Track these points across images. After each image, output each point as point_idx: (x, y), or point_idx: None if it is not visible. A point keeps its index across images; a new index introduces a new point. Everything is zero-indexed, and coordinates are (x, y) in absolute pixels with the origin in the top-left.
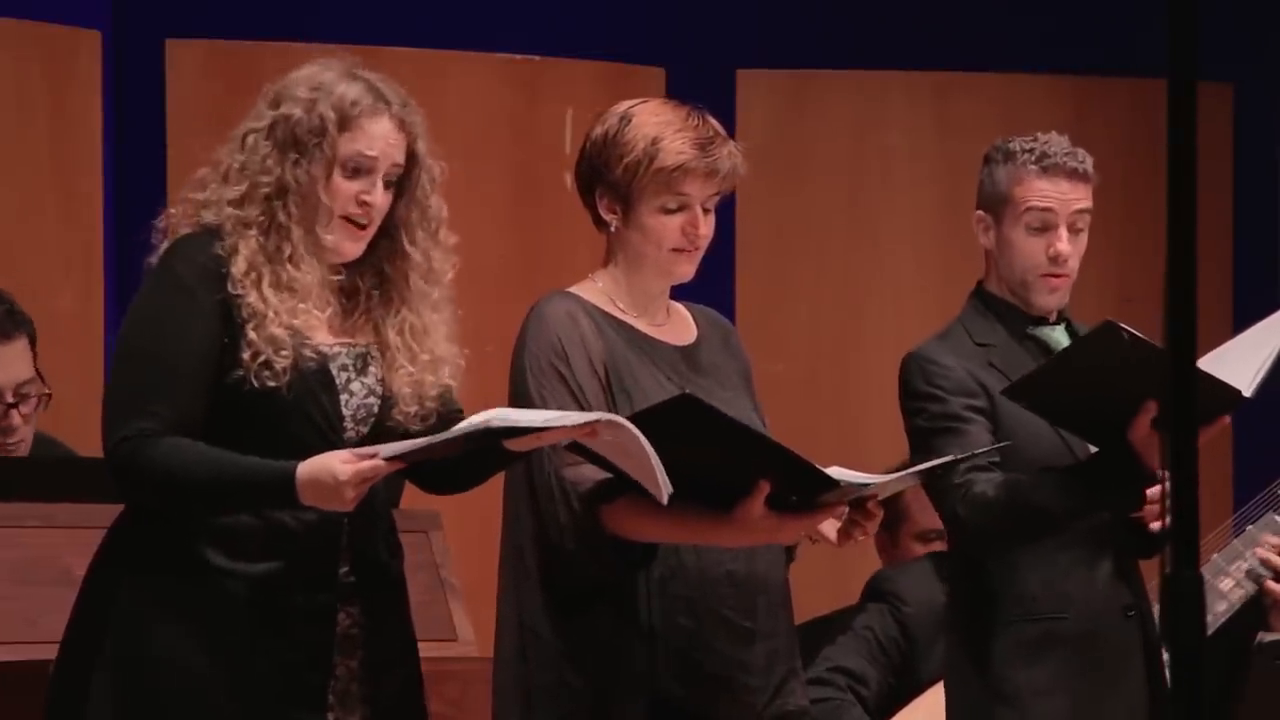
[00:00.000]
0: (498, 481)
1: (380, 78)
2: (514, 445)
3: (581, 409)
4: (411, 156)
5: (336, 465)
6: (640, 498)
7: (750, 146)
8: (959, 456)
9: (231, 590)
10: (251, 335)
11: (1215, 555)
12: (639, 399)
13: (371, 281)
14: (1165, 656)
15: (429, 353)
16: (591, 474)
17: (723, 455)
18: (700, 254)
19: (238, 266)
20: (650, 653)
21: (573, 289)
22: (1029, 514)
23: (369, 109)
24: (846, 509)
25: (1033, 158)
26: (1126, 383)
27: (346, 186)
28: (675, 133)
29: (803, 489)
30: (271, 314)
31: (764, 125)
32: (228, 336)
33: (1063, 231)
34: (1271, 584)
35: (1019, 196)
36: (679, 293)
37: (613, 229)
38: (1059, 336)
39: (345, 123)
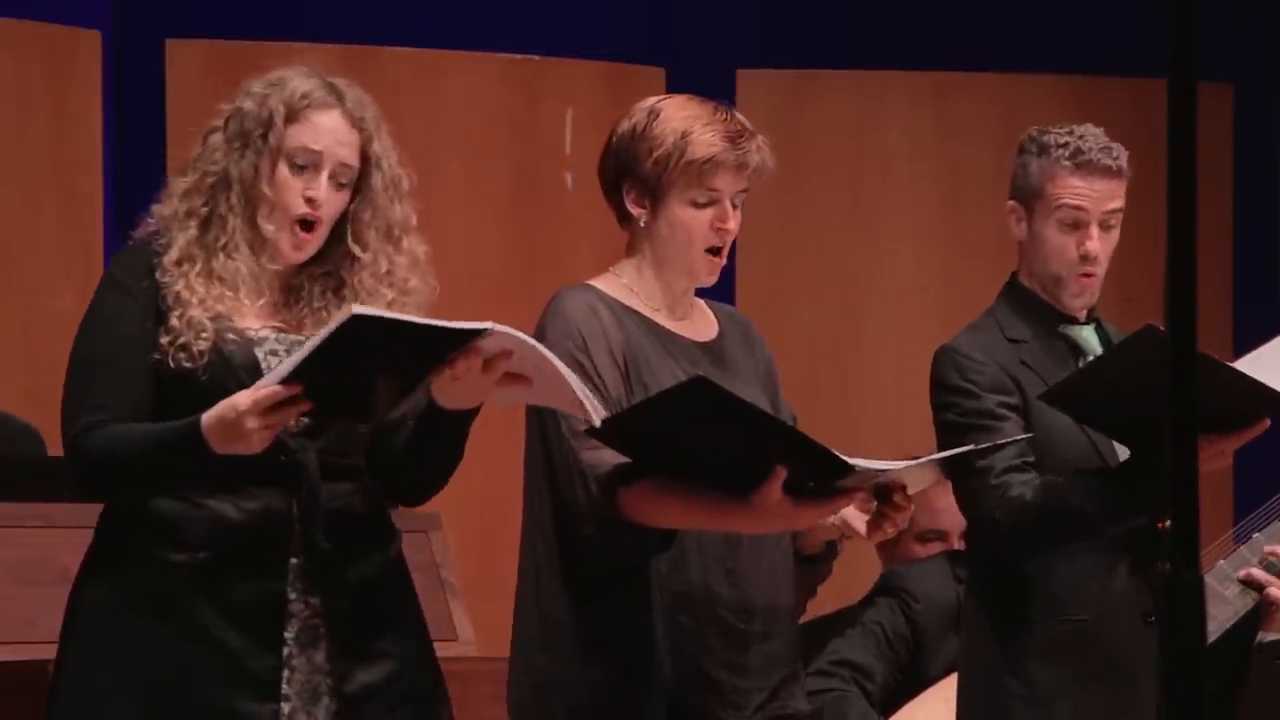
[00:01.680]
0: (497, 481)
1: (347, 83)
2: (439, 390)
3: (603, 399)
4: (366, 159)
5: (237, 398)
6: (659, 482)
7: None
8: (979, 446)
9: (175, 581)
10: (173, 321)
11: (1221, 562)
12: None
13: (323, 282)
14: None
15: None
16: (610, 458)
17: (738, 440)
18: (724, 260)
19: (170, 256)
20: (658, 647)
21: (592, 281)
22: (1065, 516)
23: (318, 102)
24: (875, 502)
25: (1067, 153)
26: (1165, 386)
27: (291, 181)
28: (704, 126)
29: (819, 475)
30: (195, 300)
31: (764, 125)
32: (153, 323)
33: (1094, 230)
34: (1275, 590)
35: (1052, 193)
36: None
37: (641, 224)
38: (1089, 336)
39: (293, 115)
